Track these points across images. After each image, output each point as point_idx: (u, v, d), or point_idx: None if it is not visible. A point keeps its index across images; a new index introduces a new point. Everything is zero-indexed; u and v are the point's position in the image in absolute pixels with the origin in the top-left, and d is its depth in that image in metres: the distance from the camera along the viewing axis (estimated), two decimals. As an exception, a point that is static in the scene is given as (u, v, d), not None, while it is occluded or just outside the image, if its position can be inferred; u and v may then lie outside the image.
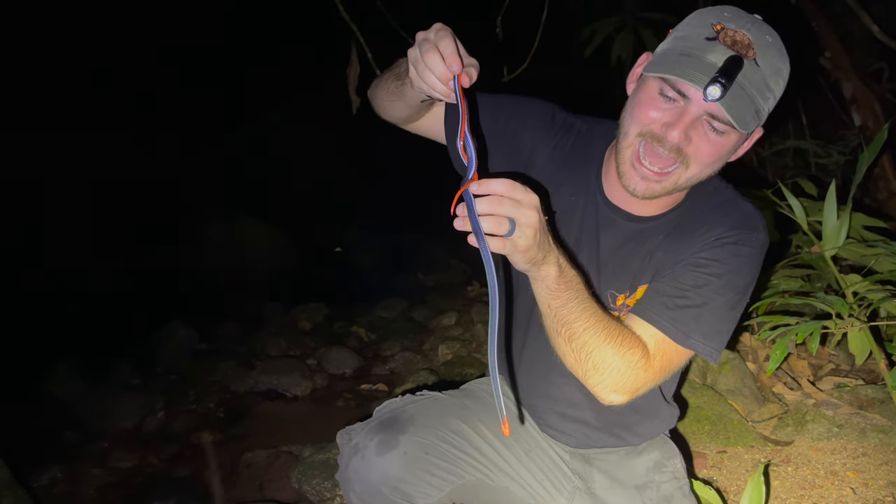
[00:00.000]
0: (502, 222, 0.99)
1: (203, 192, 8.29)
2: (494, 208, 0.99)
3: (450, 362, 3.94)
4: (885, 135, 2.40)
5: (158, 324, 5.20)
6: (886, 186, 3.83)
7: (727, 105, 1.16)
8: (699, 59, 1.18)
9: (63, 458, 3.45)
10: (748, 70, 1.17)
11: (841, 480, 2.01)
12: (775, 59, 1.20)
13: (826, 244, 2.40)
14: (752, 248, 1.36)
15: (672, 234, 1.42)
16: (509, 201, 0.99)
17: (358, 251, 7.37)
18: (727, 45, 1.18)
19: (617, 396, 1.29)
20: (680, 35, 1.25)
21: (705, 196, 1.43)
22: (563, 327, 1.22)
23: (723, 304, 1.35)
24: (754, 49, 1.18)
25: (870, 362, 2.36)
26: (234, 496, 3.00)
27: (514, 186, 1.00)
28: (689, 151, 1.25)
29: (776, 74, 1.21)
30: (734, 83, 1.16)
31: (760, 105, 1.20)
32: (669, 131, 1.23)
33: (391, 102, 1.44)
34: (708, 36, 1.20)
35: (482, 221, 0.98)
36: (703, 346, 1.34)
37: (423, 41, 1.13)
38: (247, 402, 4.06)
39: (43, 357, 4.50)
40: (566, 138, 1.52)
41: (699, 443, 2.30)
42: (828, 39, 4.00)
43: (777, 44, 1.21)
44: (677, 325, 1.32)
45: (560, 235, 1.48)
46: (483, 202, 0.99)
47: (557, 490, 1.60)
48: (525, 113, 1.52)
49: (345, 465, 1.45)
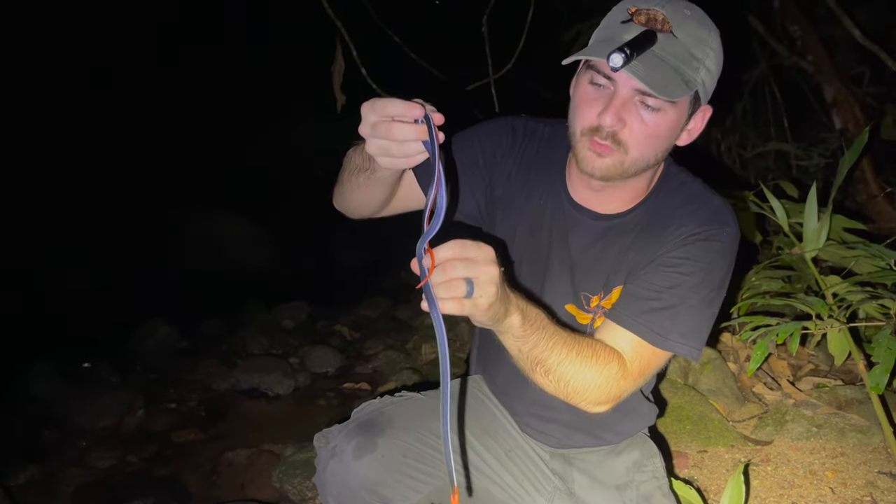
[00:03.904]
0: (458, 285, 0.96)
1: (183, 188, 8.21)
2: (449, 273, 0.95)
3: (433, 361, 3.93)
4: (866, 138, 2.42)
5: (138, 322, 5.15)
6: (866, 189, 3.87)
7: (640, 74, 1.15)
8: (614, 40, 1.19)
9: (41, 457, 3.41)
10: (665, 42, 1.18)
11: (820, 480, 2.02)
12: (696, 30, 1.22)
13: (807, 246, 2.42)
14: (723, 242, 1.36)
15: (642, 233, 1.42)
16: (461, 262, 0.96)
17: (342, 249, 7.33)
18: (641, 23, 1.20)
19: (601, 407, 1.32)
20: (601, 25, 1.28)
21: (672, 191, 1.43)
22: (538, 365, 1.23)
23: (698, 301, 1.35)
24: (670, 23, 1.19)
25: (849, 363, 2.38)
26: (214, 495, 2.98)
27: (463, 246, 0.97)
28: (624, 136, 1.25)
29: (700, 44, 1.22)
30: (648, 53, 1.16)
31: (689, 75, 1.20)
32: (603, 117, 1.23)
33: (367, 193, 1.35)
34: (623, 19, 1.22)
35: (437, 289, 0.95)
36: (682, 346, 1.35)
37: (374, 125, 1.03)
38: (228, 400, 4.03)
39: (20, 355, 4.44)
40: (531, 145, 1.52)
41: (680, 442, 2.31)
42: (810, 43, 4.04)
43: (697, 16, 1.23)
44: (653, 328, 1.33)
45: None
46: (436, 271, 0.95)
47: (537, 490, 1.60)
48: (484, 138, 1.52)
49: (322, 469, 1.44)
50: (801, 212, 2.47)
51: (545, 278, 1.50)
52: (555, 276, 1.49)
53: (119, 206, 7.72)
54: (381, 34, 3.89)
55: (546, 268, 1.50)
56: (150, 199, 7.89)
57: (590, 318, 1.50)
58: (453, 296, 0.96)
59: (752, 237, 2.89)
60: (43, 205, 7.33)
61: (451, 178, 1.34)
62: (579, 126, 1.29)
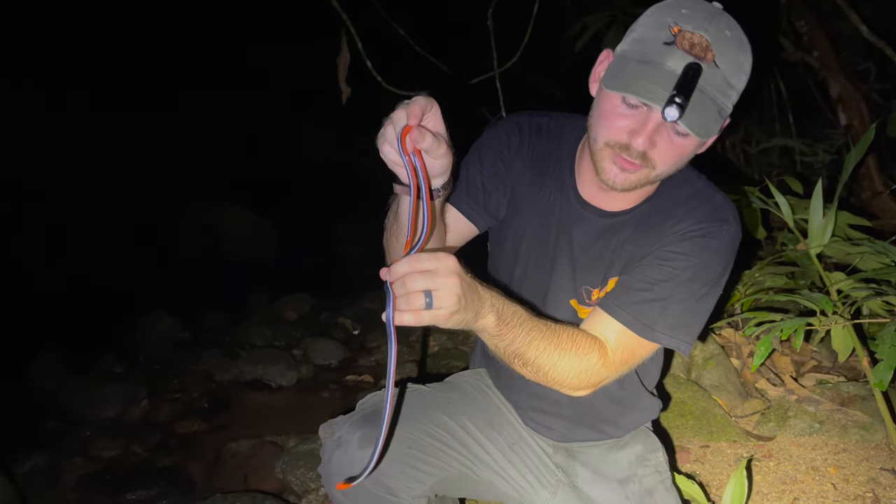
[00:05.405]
0: (417, 297, 0.98)
1: (188, 180, 8.21)
2: (408, 286, 0.98)
3: (436, 354, 3.94)
4: (873, 135, 2.41)
5: (141, 313, 5.16)
6: (871, 186, 3.86)
7: (688, 121, 1.14)
8: (657, 66, 1.16)
9: (45, 446, 3.43)
10: (708, 74, 1.15)
11: (822, 476, 2.03)
12: (736, 55, 1.19)
13: (811, 242, 2.41)
14: (720, 240, 1.36)
15: (640, 227, 1.43)
16: (419, 275, 0.98)
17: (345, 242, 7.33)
18: (685, 50, 1.15)
19: (580, 392, 1.36)
20: (638, 37, 1.23)
21: (675, 188, 1.43)
22: (516, 358, 1.25)
23: (689, 296, 1.35)
24: (713, 50, 1.16)
25: (852, 359, 2.39)
26: (217, 486, 2.99)
27: (419, 260, 0.99)
28: (654, 155, 1.24)
29: (737, 70, 1.19)
30: (694, 92, 1.14)
31: (723, 104, 1.19)
32: (634, 139, 1.22)
33: None
34: (665, 40, 1.17)
35: (397, 302, 0.98)
36: (670, 338, 1.36)
37: (399, 106, 1.08)
38: (231, 392, 4.04)
39: (25, 346, 4.45)
40: (538, 140, 1.52)
41: (683, 437, 2.32)
42: (816, 38, 4.02)
43: (737, 36, 1.19)
44: (641, 319, 1.34)
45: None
46: (396, 285, 0.99)
47: (540, 483, 1.60)
48: (495, 144, 1.52)
49: (327, 459, 1.44)
50: (806, 208, 2.46)
51: (552, 273, 1.51)
52: (560, 271, 1.50)
53: (123, 198, 7.72)
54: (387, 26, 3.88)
55: (553, 263, 1.50)
56: (155, 191, 7.89)
57: (590, 311, 1.50)
58: (411, 308, 0.98)
59: (756, 233, 2.89)
60: (47, 196, 7.34)
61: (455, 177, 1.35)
62: (605, 138, 1.27)
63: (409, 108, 1.04)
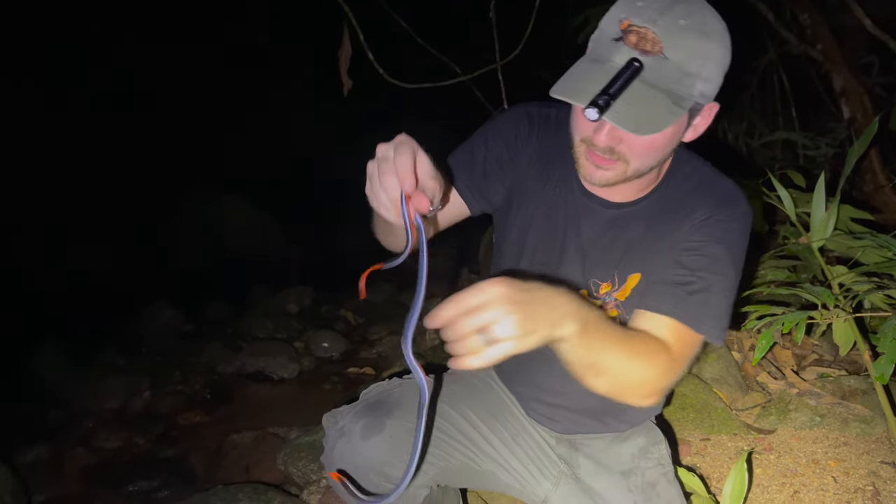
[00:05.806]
0: (471, 340, 0.94)
1: (189, 173, 8.21)
2: (459, 331, 0.94)
3: (437, 346, 3.94)
4: (876, 128, 2.40)
5: (143, 305, 5.17)
6: (873, 179, 3.85)
7: (617, 118, 1.12)
8: (603, 64, 1.15)
9: (48, 437, 3.45)
10: (654, 66, 1.13)
11: (822, 469, 2.03)
12: (691, 42, 1.15)
13: (814, 235, 2.41)
14: (739, 223, 1.37)
15: (655, 222, 1.42)
16: (465, 317, 0.94)
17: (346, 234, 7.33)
18: (631, 45, 1.14)
19: (649, 400, 1.28)
20: (595, 34, 1.23)
21: (683, 178, 1.43)
22: (590, 368, 1.17)
23: (725, 283, 1.34)
24: (661, 42, 1.14)
25: (853, 353, 2.38)
26: (219, 477, 3.01)
27: (461, 299, 0.95)
28: (623, 150, 1.23)
29: (696, 57, 1.16)
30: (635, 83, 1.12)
31: (682, 93, 1.16)
32: (597, 136, 1.22)
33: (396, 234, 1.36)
34: (614, 36, 1.17)
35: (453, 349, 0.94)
36: (712, 328, 1.33)
37: (382, 158, 1.03)
38: (233, 383, 4.06)
39: (27, 338, 4.47)
40: (546, 131, 1.51)
41: (684, 430, 2.32)
42: (820, 31, 4.00)
43: (695, 23, 1.16)
44: (691, 311, 1.31)
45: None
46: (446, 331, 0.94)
47: (543, 475, 1.61)
48: (503, 130, 1.51)
49: (330, 448, 1.45)
50: (809, 201, 2.45)
51: (560, 265, 1.50)
52: (568, 263, 1.50)
53: (126, 191, 7.73)
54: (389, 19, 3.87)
55: (561, 254, 1.50)
56: (158, 185, 7.90)
57: (598, 304, 1.50)
58: (470, 351, 0.95)
59: (758, 226, 2.88)
60: (49, 191, 7.34)
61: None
62: (578, 135, 1.28)
63: (399, 172, 1.00)
